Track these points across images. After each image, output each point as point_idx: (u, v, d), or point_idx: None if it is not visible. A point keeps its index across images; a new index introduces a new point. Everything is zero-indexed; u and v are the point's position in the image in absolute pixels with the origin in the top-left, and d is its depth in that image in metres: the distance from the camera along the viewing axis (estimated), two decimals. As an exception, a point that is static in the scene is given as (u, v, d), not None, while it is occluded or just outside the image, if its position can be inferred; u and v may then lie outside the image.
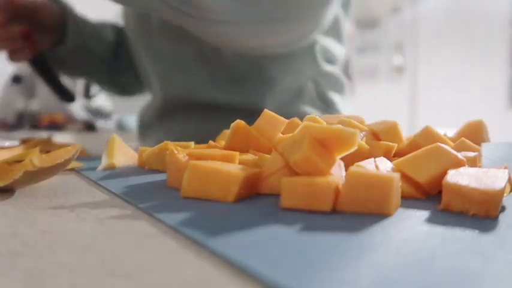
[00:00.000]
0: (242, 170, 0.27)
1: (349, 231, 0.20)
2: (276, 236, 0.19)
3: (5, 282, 0.15)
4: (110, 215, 0.24)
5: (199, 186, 0.27)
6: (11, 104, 2.27)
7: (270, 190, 0.28)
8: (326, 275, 0.15)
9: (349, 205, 0.23)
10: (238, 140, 0.35)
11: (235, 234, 0.19)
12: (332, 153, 0.26)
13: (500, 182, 0.23)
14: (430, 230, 0.20)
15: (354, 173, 0.23)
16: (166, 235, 0.20)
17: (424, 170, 0.27)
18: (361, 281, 0.14)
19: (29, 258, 0.17)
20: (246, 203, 0.26)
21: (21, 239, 0.20)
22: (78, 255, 0.18)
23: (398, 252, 0.17)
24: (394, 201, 0.23)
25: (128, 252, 0.18)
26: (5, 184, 0.30)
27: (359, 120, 0.38)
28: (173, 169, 0.31)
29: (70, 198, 0.29)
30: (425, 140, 0.34)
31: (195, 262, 0.17)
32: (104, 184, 0.33)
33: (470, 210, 0.23)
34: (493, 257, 0.16)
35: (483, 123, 0.39)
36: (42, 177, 0.31)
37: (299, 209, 0.24)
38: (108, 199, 0.29)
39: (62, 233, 0.21)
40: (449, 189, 0.23)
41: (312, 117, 0.32)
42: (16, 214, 0.25)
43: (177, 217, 0.22)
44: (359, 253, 0.17)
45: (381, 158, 0.29)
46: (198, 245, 0.19)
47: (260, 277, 0.15)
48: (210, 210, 0.24)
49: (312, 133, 0.25)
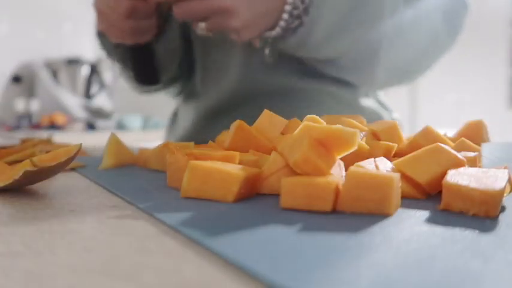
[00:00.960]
0: (242, 170, 0.27)
1: (349, 231, 0.20)
2: (276, 236, 0.19)
3: (5, 282, 0.15)
4: (110, 215, 0.24)
5: (199, 186, 0.27)
6: (11, 104, 2.28)
7: (270, 190, 0.28)
8: (326, 275, 0.15)
9: (349, 205, 0.23)
10: (239, 140, 0.35)
11: (235, 234, 0.19)
12: (332, 153, 0.26)
13: (500, 182, 0.23)
14: (430, 230, 0.20)
15: (354, 173, 0.23)
16: (166, 235, 0.20)
17: (424, 170, 0.27)
18: (361, 281, 0.14)
19: (29, 258, 0.17)
20: (246, 203, 0.26)
21: (21, 239, 0.20)
22: (78, 255, 0.18)
23: (398, 252, 0.17)
24: (394, 201, 0.23)
25: (127, 252, 0.18)
26: (5, 184, 0.30)
27: (359, 120, 0.38)
28: (173, 169, 0.31)
29: (70, 198, 0.29)
30: (425, 140, 0.34)
31: (195, 262, 0.17)
32: (104, 184, 0.33)
33: (470, 210, 0.23)
34: (493, 257, 0.16)
35: (483, 123, 0.39)
36: (42, 177, 0.31)
37: (299, 209, 0.24)
38: (108, 199, 0.29)
39: (62, 233, 0.21)
40: (449, 189, 0.23)
41: (312, 117, 0.32)
42: (16, 214, 0.25)
43: (177, 217, 0.22)
44: (359, 253, 0.17)
45: (381, 158, 0.29)
46: (198, 245, 0.19)
47: (260, 277, 0.15)
48: (210, 210, 0.24)
49: (312, 133, 0.25)
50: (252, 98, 0.68)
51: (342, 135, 0.25)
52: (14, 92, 2.31)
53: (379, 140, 0.36)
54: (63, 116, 2.07)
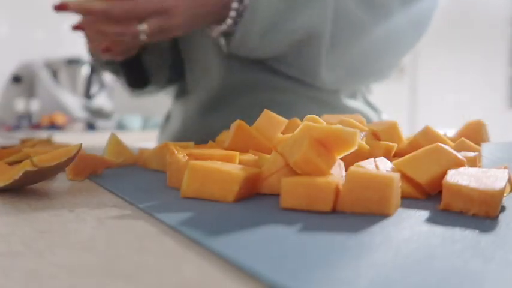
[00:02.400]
0: (242, 170, 0.27)
1: (349, 231, 0.20)
2: (276, 236, 0.19)
3: (5, 282, 0.15)
4: (110, 215, 0.24)
5: (199, 186, 0.27)
6: (11, 104, 2.28)
7: (270, 190, 0.28)
8: (326, 274, 0.15)
9: (349, 205, 0.23)
10: (239, 140, 0.35)
11: (235, 234, 0.19)
12: (332, 153, 0.26)
13: (500, 182, 0.23)
14: (430, 230, 0.20)
15: (354, 173, 0.23)
16: (166, 235, 0.20)
17: (424, 170, 0.27)
18: (361, 281, 0.14)
19: (29, 258, 0.17)
20: (246, 203, 0.26)
21: (21, 239, 0.20)
22: (78, 255, 0.18)
23: (398, 252, 0.17)
24: (394, 201, 0.23)
25: (127, 252, 0.18)
26: (5, 184, 0.30)
27: (359, 120, 0.38)
28: (173, 169, 0.31)
29: (70, 198, 0.29)
30: (425, 140, 0.34)
31: (195, 262, 0.17)
32: (104, 184, 0.33)
33: (470, 210, 0.23)
34: (493, 257, 0.16)
35: (483, 123, 0.39)
36: (42, 177, 0.31)
37: (299, 209, 0.24)
38: (108, 199, 0.29)
39: (62, 233, 0.21)
40: (449, 189, 0.23)
41: (312, 117, 0.32)
42: (16, 214, 0.25)
43: (177, 217, 0.22)
44: (359, 253, 0.17)
45: (381, 158, 0.29)
46: (198, 245, 0.19)
47: (260, 277, 0.15)
48: (210, 210, 0.24)
49: (312, 133, 0.25)
50: (237, 95, 0.69)
51: (342, 135, 0.25)
52: (14, 92, 2.31)
53: (379, 140, 0.36)
54: (63, 116, 2.07)
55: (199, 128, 0.72)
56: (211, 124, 0.70)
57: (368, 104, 0.75)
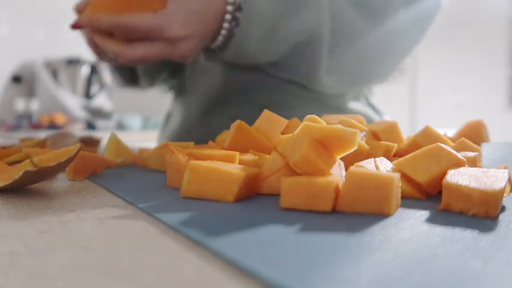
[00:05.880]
0: (242, 170, 0.27)
1: (349, 231, 0.20)
2: (276, 236, 0.19)
3: (5, 282, 0.15)
4: (110, 215, 0.24)
5: (199, 186, 0.27)
6: (11, 104, 2.28)
7: (270, 190, 0.28)
8: (326, 274, 0.15)
9: (349, 205, 0.23)
10: (239, 140, 0.35)
11: (235, 234, 0.19)
12: (332, 153, 0.26)
13: (500, 182, 0.23)
14: (430, 230, 0.20)
15: (354, 173, 0.23)
16: (166, 235, 0.20)
17: (424, 170, 0.27)
18: (361, 280, 0.14)
19: (29, 258, 0.17)
20: (246, 203, 0.26)
21: (21, 239, 0.20)
22: (78, 255, 0.18)
23: (398, 252, 0.17)
24: (394, 201, 0.23)
25: (127, 252, 0.18)
26: (5, 184, 0.30)
27: (359, 120, 0.38)
28: (173, 169, 0.31)
29: (70, 198, 0.29)
30: (425, 140, 0.34)
31: (195, 262, 0.17)
32: (104, 184, 0.33)
33: (470, 210, 0.23)
34: (493, 257, 0.16)
35: (483, 123, 0.39)
36: (42, 177, 0.31)
37: (299, 209, 0.24)
38: (108, 199, 0.29)
39: (62, 233, 0.21)
40: (449, 189, 0.23)
41: (312, 117, 0.32)
42: (16, 214, 0.25)
43: (177, 217, 0.22)
44: (359, 253, 0.17)
45: (381, 158, 0.29)
46: (198, 245, 0.19)
47: (260, 277, 0.15)
48: (210, 210, 0.24)
49: (312, 133, 0.25)
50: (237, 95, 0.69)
51: (342, 135, 0.25)
52: (14, 91, 2.31)
53: (379, 140, 0.36)
54: (63, 116, 2.07)
55: (199, 128, 0.72)
56: (211, 124, 0.70)
57: (370, 106, 0.75)
